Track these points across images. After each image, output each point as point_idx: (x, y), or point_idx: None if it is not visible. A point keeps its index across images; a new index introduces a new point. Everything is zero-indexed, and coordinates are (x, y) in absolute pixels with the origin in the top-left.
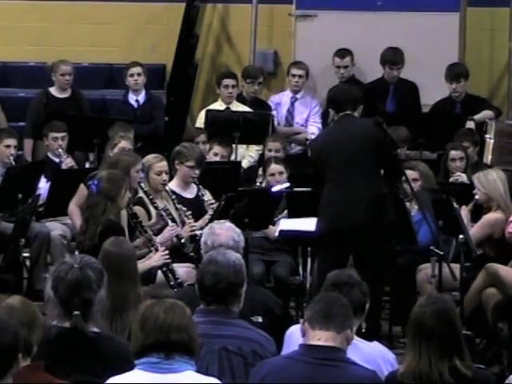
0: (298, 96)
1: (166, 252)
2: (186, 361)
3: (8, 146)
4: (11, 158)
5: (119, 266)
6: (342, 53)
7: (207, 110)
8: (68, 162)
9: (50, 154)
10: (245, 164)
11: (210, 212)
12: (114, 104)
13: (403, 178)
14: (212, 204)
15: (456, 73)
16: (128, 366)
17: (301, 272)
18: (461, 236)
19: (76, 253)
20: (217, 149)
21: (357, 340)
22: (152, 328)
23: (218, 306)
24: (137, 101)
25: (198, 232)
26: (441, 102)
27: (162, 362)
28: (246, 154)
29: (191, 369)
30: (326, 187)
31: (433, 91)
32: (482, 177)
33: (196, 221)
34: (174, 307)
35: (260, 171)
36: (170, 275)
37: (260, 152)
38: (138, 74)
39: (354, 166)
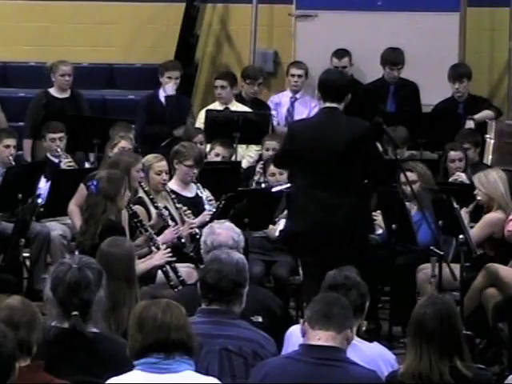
0: (298, 96)
1: (168, 250)
2: (185, 360)
3: (8, 146)
4: (11, 158)
5: (111, 266)
6: (340, 53)
7: (207, 110)
8: (67, 161)
9: (49, 155)
10: (244, 164)
11: (209, 208)
12: (141, 100)
13: (402, 179)
14: (211, 200)
15: (459, 73)
16: (127, 366)
17: (301, 272)
18: (461, 236)
19: (76, 253)
20: (219, 149)
21: (357, 340)
22: (152, 328)
23: (219, 306)
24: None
25: (197, 231)
26: (443, 102)
27: (161, 362)
28: (246, 154)
29: (190, 368)
30: (297, 185)
31: (433, 91)
32: (483, 177)
33: None
34: (170, 307)
35: (258, 168)
36: (171, 274)
37: (260, 152)
38: (176, 78)
39: (333, 170)
